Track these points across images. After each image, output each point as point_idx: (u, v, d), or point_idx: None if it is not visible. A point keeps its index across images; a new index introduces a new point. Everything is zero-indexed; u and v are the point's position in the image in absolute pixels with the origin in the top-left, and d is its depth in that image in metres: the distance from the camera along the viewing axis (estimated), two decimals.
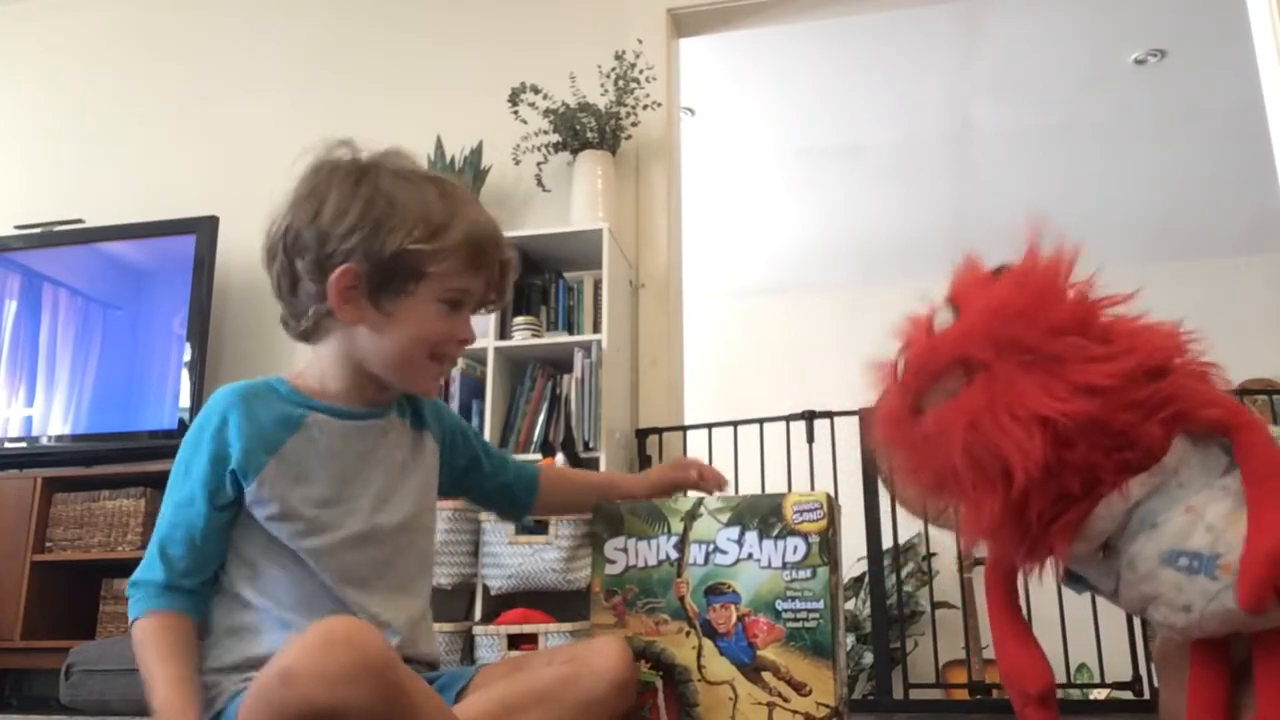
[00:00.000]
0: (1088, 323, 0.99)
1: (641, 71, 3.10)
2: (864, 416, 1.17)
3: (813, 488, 2.83)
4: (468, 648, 2.38)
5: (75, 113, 3.82)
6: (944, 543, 4.86)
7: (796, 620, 1.21)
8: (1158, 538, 0.97)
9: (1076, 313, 0.99)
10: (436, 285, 1.14)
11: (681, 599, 1.26)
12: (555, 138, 3.09)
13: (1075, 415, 0.93)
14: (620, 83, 3.08)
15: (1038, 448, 0.93)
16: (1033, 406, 0.93)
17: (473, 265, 1.16)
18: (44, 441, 3.21)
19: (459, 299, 1.17)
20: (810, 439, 2.93)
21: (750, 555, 1.24)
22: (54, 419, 3.24)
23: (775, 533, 1.24)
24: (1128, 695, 2.89)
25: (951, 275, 1.09)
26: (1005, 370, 0.96)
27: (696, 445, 3.03)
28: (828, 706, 1.19)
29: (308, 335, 1.22)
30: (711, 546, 1.26)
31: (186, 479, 1.13)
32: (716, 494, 1.36)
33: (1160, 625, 1.00)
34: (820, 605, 1.20)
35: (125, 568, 2.87)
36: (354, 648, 0.91)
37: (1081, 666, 3.69)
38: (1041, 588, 3.23)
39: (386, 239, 1.12)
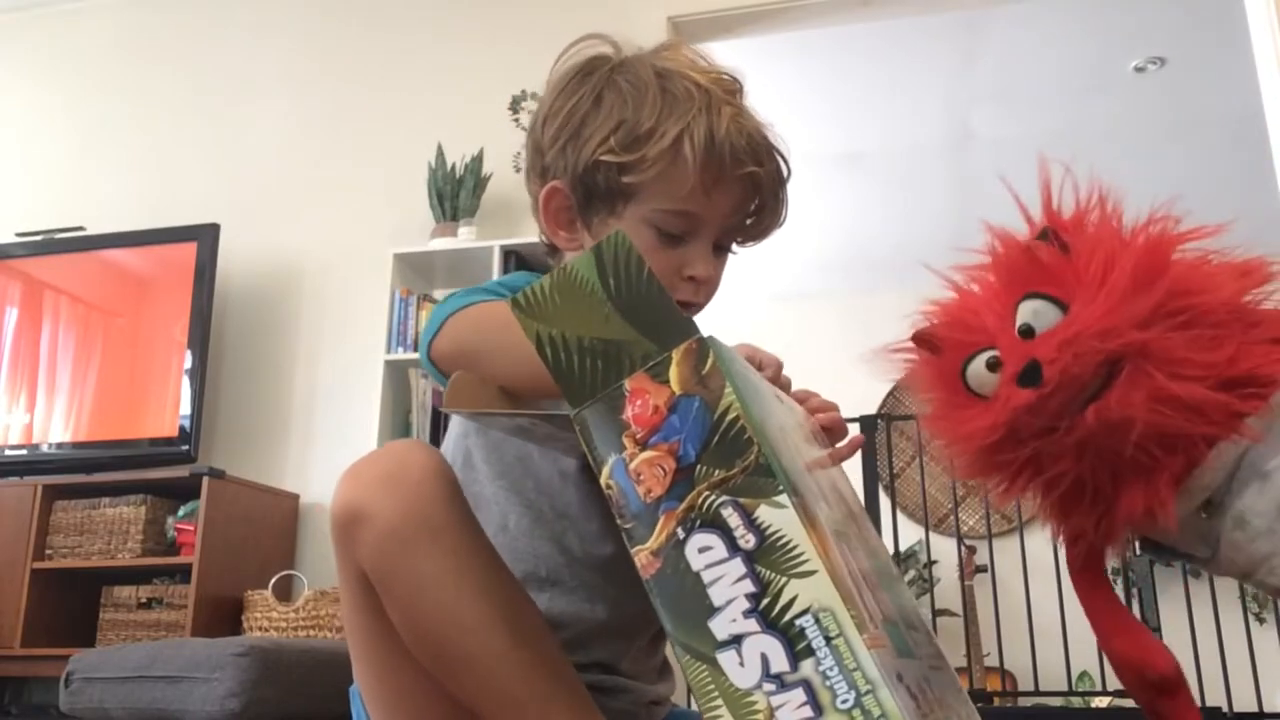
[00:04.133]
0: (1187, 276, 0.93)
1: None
2: (948, 445, 0.99)
3: None
4: None
5: (77, 120, 3.82)
6: (944, 550, 4.86)
7: None
8: (1271, 488, 0.87)
9: (1188, 270, 0.93)
10: (644, 207, 0.93)
11: None
12: None
13: (1232, 356, 0.87)
14: None
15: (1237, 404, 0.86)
16: (1202, 367, 0.86)
17: (696, 183, 0.92)
18: (44, 449, 3.21)
19: (680, 226, 0.94)
20: None
21: None
22: (54, 426, 3.24)
23: None
24: (1130, 703, 2.88)
25: (999, 269, 0.97)
26: (1160, 344, 0.87)
27: None
28: None
29: (550, 260, 1.06)
30: None
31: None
32: None
33: (1273, 589, 0.90)
34: None
35: (125, 575, 2.87)
36: (398, 455, 0.83)
37: (1083, 674, 3.68)
38: (1043, 595, 3.20)
39: (582, 147, 0.94)
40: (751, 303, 5.99)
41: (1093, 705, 3.46)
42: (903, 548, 4.39)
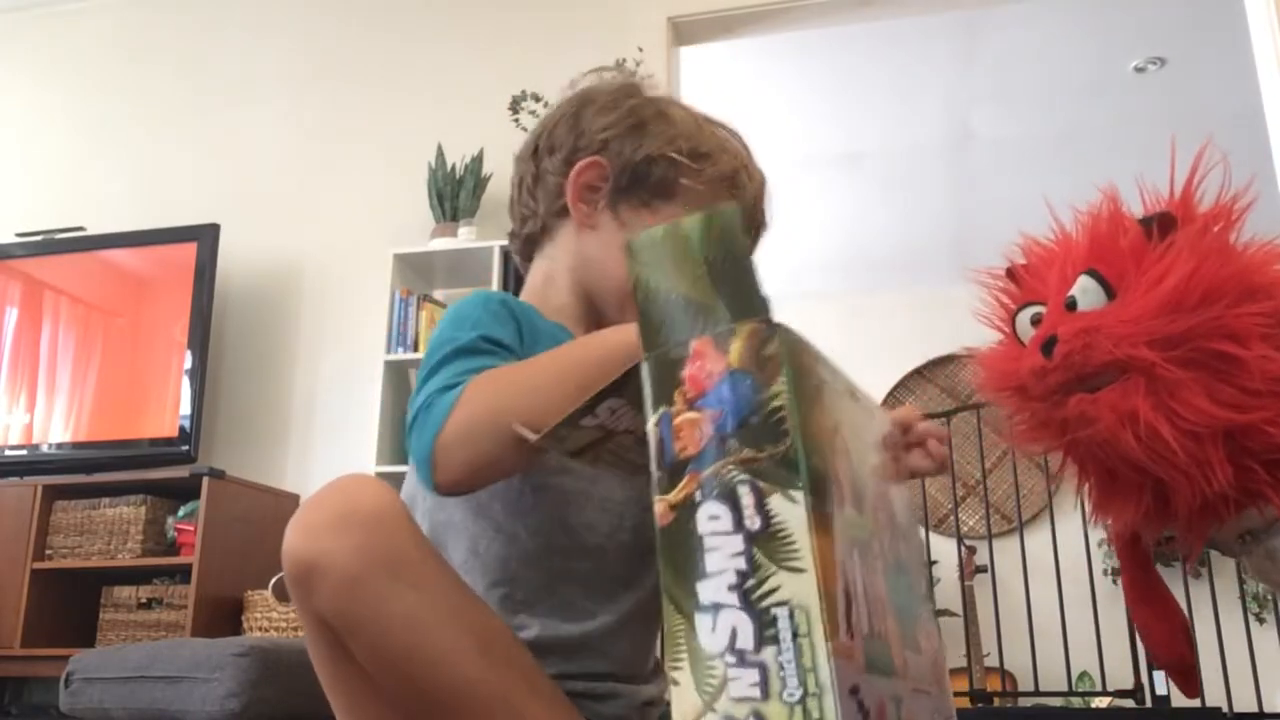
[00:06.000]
0: (1272, 311, 0.86)
1: (642, 80, 3.10)
2: (974, 361, 1.08)
3: None
4: None
5: (77, 120, 3.82)
6: (944, 550, 4.86)
7: None
8: None
9: (1260, 303, 0.87)
10: (678, 211, 1.00)
11: None
12: None
13: (1247, 424, 0.82)
14: None
15: (1220, 467, 0.82)
16: (1204, 417, 0.82)
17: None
18: (44, 449, 3.21)
19: None
20: None
21: None
22: (54, 426, 3.24)
23: None
24: (1130, 703, 2.88)
25: (1087, 231, 0.97)
26: (1168, 372, 0.84)
27: None
28: None
29: (533, 240, 1.10)
30: None
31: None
32: None
33: None
34: None
35: (125, 576, 2.87)
36: (344, 495, 0.79)
37: (1083, 674, 3.68)
38: (1043, 595, 3.18)
39: (645, 141, 1.03)
40: None
41: (1093, 705, 3.46)
42: None
